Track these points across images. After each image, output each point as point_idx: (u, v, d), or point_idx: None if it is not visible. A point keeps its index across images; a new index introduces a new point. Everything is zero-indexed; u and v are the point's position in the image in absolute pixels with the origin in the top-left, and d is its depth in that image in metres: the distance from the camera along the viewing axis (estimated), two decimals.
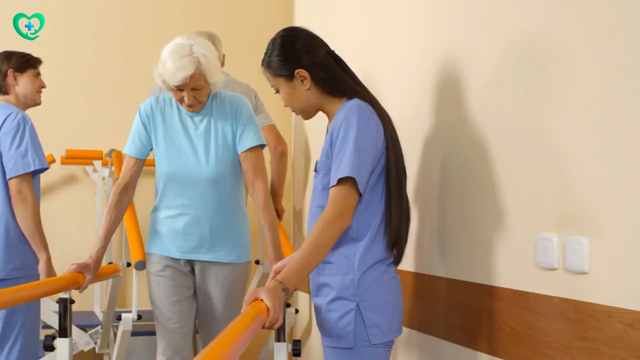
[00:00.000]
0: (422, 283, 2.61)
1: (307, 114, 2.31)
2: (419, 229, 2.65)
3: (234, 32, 4.74)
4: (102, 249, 2.82)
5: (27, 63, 3.38)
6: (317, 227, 2.02)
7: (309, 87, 2.23)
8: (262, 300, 1.87)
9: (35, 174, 3.29)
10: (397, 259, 2.21)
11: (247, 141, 2.83)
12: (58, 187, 4.65)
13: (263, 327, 1.82)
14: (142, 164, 2.90)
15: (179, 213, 2.84)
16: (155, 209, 2.92)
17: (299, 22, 4.56)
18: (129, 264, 3.74)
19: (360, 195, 2.08)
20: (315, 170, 2.23)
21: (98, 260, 2.80)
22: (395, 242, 2.17)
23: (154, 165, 2.93)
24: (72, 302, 2.70)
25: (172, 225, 2.86)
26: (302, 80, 2.23)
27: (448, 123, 2.49)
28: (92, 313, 4.67)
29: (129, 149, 2.88)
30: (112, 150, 4.32)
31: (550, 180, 1.98)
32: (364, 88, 2.26)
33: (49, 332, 4.41)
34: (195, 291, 2.92)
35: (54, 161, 4.47)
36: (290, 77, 2.24)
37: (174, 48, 2.71)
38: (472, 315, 2.32)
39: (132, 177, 2.88)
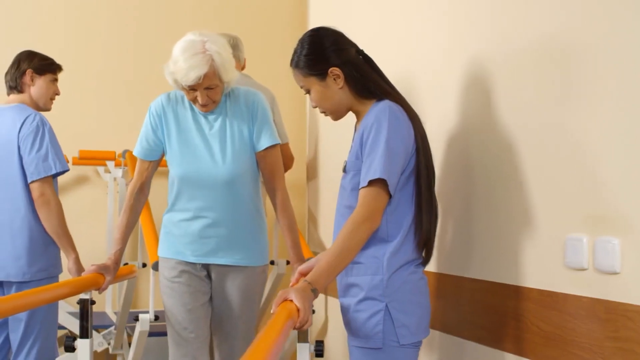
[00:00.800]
0: (445, 283, 2.60)
1: (338, 114, 2.29)
2: (443, 229, 2.64)
3: (247, 32, 4.73)
4: (120, 250, 2.78)
5: (47, 66, 3.36)
6: (347, 228, 2.02)
7: (342, 86, 2.22)
8: (291, 300, 1.85)
9: (55, 175, 3.29)
10: (426, 260, 2.21)
11: (264, 141, 2.75)
12: (69, 187, 4.64)
13: (293, 329, 1.81)
14: (157, 164, 2.81)
15: (194, 216, 2.75)
16: (168, 211, 2.83)
17: (314, 22, 4.55)
18: (144, 265, 3.73)
19: (390, 196, 2.08)
20: (344, 170, 2.22)
21: (117, 261, 2.77)
22: (426, 244, 2.17)
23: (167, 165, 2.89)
24: (93, 302, 2.70)
25: (188, 229, 2.76)
26: (334, 79, 2.21)
27: (473, 122, 2.48)
28: (103, 314, 4.67)
29: (137, 151, 2.79)
30: (125, 151, 4.31)
31: (579, 180, 1.97)
32: (394, 89, 2.26)
33: (60, 332, 4.43)
34: (210, 296, 2.83)
35: (67, 162, 4.46)
36: (322, 76, 2.22)
37: (186, 45, 2.59)
38: (498, 315, 2.31)
39: (146, 177, 2.81)
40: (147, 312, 3.50)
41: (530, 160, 2.18)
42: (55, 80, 3.41)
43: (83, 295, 2.65)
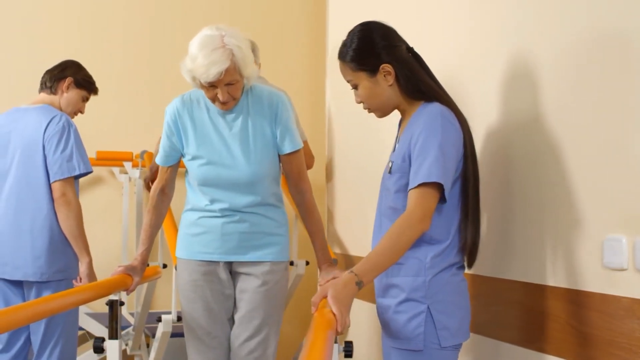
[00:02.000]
0: (480, 285, 2.58)
1: (384, 111, 2.25)
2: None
3: (263, 30, 4.74)
4: (146, 250, 2.76)
5: (87, 84, 3.44)
6: (400, 226, 2.00)
7: (392, 84, 2.18)
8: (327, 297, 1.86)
9: (77, 177, 3.31)
10: (469, 265, 2.21)
11: (289, 145, 2.69)
12: (83, 188, 4.64)
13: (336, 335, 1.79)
14: (177, 167, 2.80)
15: (215, 215, 2.70)
16: (187, 211, 2.79)
17: (333, 19, 4.52)
18: (164, 266, 3.73)
19: (444, 201, 2.08)
20: (390, 172, 2.20)
21: (144, 261, 2.76)
22: (470, 249, 2.16)
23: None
24: (122, 303, 2.71)
25: (209, 226, 2.70)
26: (385, 76, 2.17)
27: (515, 119, 2.43)
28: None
29: (159, 159, 2.78)
30: (144, 152, 4.32)
31: (618, 180, 1.97)
32: (443, 90, 2.24)
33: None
34: (234, 297, 2.76)
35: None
36: (374, 71, 2.17)
37: (204, 41, 2.50)
38: (534, 316, 2.30)
39: (167, 180, 2.79)
40: (169, 312, 3.49)
41: (569, 160, 2.16)
42: (87, 99, 3.48)
43: (112, 296, 2.65)
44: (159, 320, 3.42)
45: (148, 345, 4.27)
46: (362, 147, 3.89)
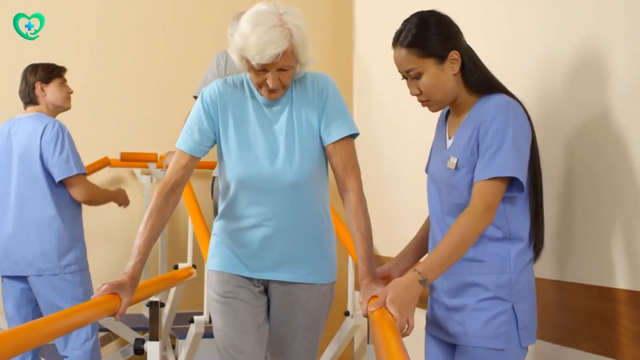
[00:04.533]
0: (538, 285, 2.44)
1: (443, 104, 2.13)
2: None
3: None
4: (140, 262, 2.22)
5: (51, 73, 3.59)
6: (465, 219, 1.95)
7: (456, 73, 2.08)
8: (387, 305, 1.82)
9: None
10: (534, 261, 2.16)
11: (337, 132, 2.33)
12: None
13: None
14: (196, 162, 2.38)
15: (254, 224, 2.35)
16: (221, 218, 2.45)
17: (360, 10, 4.50)
18: (193, 267, 3.72)
19: (518, 193, 2.02)
20: (456, 167, 2.08)
21: (135, 276, 2.20)
22: (541, 243, 2.14)
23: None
24: (162, 305, 2.71)
25: (246, 239, 2.37)
26: (451, 64, 2.06)
27: (576, 114, 2.31)
28: (140, 315, 4.67)
29: (184, 143, 2.34)
30: (169, 153, 4.31)
31: None
32: (504, 86, 2.14)
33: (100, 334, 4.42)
34: (267, 315, 2.46)
35: (109, 163, 4.47)
36: (442, 58, 2.05)
37: (260, 18, 2.19)
38: (592, 318, 2.24)
39: (182, 176, 2.34)
40: (200, 313, 3.49)
41: (637, 156, 2.07)
42: (64, 81, 3.63)
43: (153, 298, 2.66)
44: (191, 321, 3.42)
45: (174, 347, 4.27)
46: (388, 145, 3.89)
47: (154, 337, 2.67)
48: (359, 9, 4.48)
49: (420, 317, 1.98)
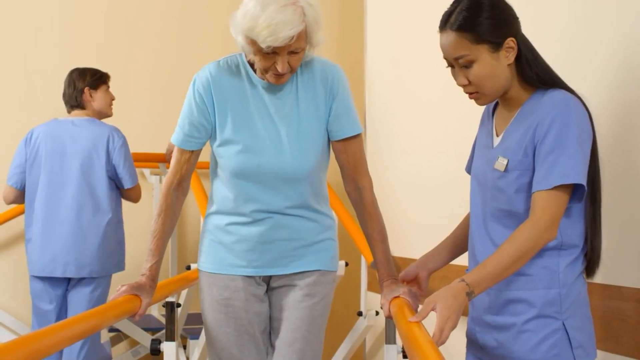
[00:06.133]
0: (595, 294, 2.27)
1: (494, 96, 1.90)
2: None
3: None
4: (157, 263, 2.17)
5: (100, 80, 3.70)
6: (526, 233, 1.75)
7: (510, 63, 1.86)
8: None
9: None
10: (591, 273, 1.93)
11: (349, 128, 2.20)
12: None
13: None
14: (198, 154, 2.25)
15: (251, 220, 2.20)
16: (214, 213, 2.27)
17: (372, 11, 4.50)
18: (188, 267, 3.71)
19: (576, 201, 1.82)
20: (506, 169, 1.87)
21: (154, 277, 2.17)
22: (598, 256, 1.91)
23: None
24: (179, 305, 2.70)
25: (244, 234, 2.20)
26: (507, 52, 1.84)
27: (637, 113, 2.14)
28: (149, 316, 4.66)
29: (178, 139, 2.20)
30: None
31: None
32: (563, 81, 1.92)
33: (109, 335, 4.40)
34: (270, 317, 2.29)
35: None
36: (498, 45, 1.82)
37: None
38: None
39: (186, 170, 2.23)
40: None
41: None
42: (108, 88, 3.75)
43: (170, 299, 2.65)
44: None
45: (184, 347, 4.26)
46: (400, 145, 3.88)
47: (170, 338, 2.66)
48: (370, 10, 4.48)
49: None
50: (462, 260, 2.19)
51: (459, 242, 2.12)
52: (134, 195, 3.74)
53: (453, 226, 2.19)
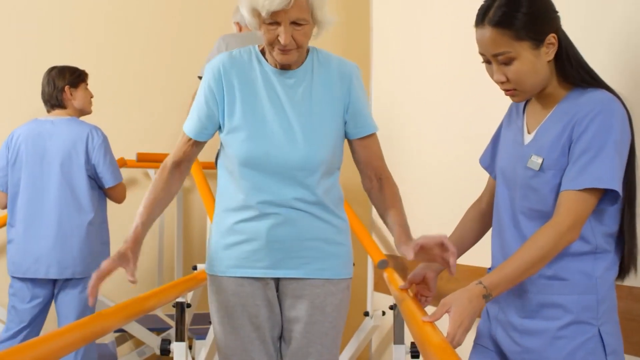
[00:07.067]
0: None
1: (530, 94, 1.84)
2: None
3: None
4: (142, 225, 2.08)
5: (79, 78, 3.66)
6: (548, 234, 1.71)
7: (550, 60, 1.79)
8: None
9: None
10: (624, 275, 1.87)
11: (368, 126, 2.18)
12: None
13: None
14: (202, 146, 2.20)
15: (258, 214, 2.10)
16: (221, 212, 2.19)
17: (378, 9, 4.50)
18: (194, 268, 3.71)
19: (609, 204, 1.76)
20: (542, 168, 1.80)
21: (137, 240, 2.05)
22: (635, 259, 1.85)
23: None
24: (189, 306, 2.70)
25: (251, 232, 2.12)
26: (547, 48, 1.77)
27: None
28: (154, 316, 4.66)
29: (189, 127, 2.17)
30: None
31: None
32: (604, 81, 1.85)
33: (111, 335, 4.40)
34: (282, 322, 2.21)
35: (125, 164, 4.47)
36: (539, 42, 1.76)
37: None
38: None
39: (186, 155, 2.17)
40: None
41: None
42: (87, 85, 3.70)
43: (180, 299, 2.64)
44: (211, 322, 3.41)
45: (191, 347, 4.26)
46: (408, 143, 3.88)
47: (180, 338, 2.65)
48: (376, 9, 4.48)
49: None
50: (468, 259, 2.19)
51: (463, 241, 2.08)
52: (116, 194, 3.68)
53: None
